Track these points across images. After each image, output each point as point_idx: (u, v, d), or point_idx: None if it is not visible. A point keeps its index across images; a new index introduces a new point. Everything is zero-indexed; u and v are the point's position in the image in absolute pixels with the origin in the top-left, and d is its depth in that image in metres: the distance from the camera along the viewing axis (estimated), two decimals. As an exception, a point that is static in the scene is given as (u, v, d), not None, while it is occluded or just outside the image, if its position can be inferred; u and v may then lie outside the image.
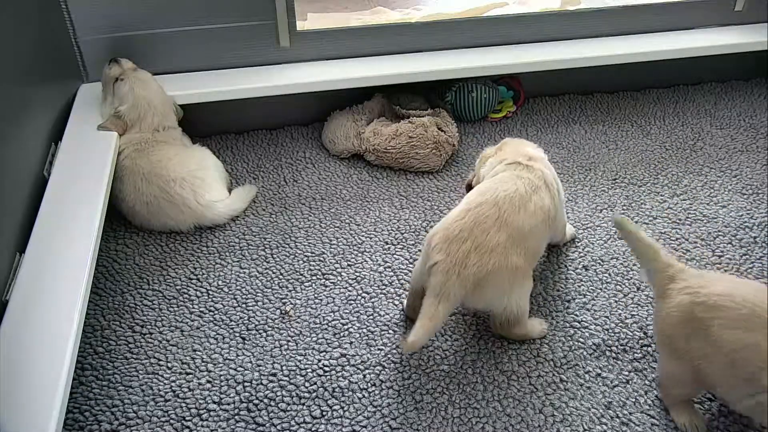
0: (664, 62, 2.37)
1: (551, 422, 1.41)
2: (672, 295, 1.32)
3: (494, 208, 1.45)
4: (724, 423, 1.41)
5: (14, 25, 1.63)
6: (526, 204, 1.48)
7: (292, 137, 2.26)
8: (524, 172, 1.56)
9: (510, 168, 1.58)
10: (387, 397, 1.46)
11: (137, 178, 1.81)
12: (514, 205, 1.46)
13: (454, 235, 1.41)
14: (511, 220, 1.44)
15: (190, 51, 2.10)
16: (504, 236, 1.41)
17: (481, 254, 1.39)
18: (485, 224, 1.42)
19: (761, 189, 2.04)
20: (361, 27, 2.28)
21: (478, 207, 1.45)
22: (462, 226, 1.42)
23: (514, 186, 1.50)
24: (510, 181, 1.52)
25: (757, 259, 1.80)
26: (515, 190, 1.49)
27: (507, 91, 2.37)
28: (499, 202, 1.46)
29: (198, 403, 1.44)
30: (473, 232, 1.41)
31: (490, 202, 1.46)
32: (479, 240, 1.40)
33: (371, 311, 1.65)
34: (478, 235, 1.40)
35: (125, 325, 1.60)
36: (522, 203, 1.48)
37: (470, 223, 1.42)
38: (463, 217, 1.44)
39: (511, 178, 1.53)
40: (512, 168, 1.58)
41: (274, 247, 1.83)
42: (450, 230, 1.42)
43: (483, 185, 1.54)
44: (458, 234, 1.41)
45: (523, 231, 1.45)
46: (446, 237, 1.42)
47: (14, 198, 1.52)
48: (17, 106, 1.60)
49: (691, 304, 1.28)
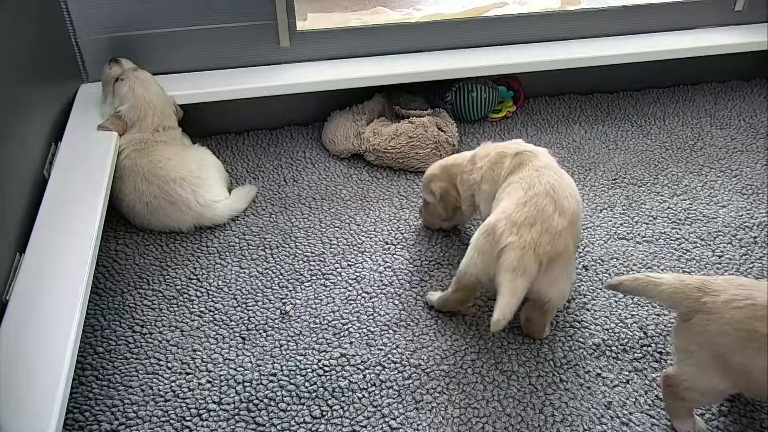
0: (664, 62, 2.37)
1: (551, 422, 1.41)
2: (715, 309, 1.26)
3: (548, 197, 1.47)
4: (724, 423, 1.41)
5: (14, 25, 1.63)
6: (570, 190, 1.53)
7: (292, 137, 2.26)
8: (537, 161, 1.58)
9: (521, 159, 1.60)
10: (387, 397, 1.46)
11: (137, 178, 1.81)
12: (564, 193, 1.50)
13: (521, 220, 1.44)
14: (566, 206, 1.48)
15: (190, 51, 2.10)
16: (565, 222, 1.45)
17: (551, 236, 1.42)
18: (547, 210, 1.45)
19: (761, 189, 2.04)
20: (361, 27, 2.28)
21: (535, 197, 1.47)
22: (526, 213, 1.45)
23: (552, 176, 1.53)
24: (542, 172, 1.54)
25: (757, 259, 1.80)
26: (556, 179, 1.52)
27: (507, 91, 2.37)
28: (550, 191, 1.48)
29: (198, 403, 1.44)
30: (539, 218, 1.44)
31: (542, 193, 1.48)
32: (547, 224, 1.43)
33: (371, 311, 1.65)
34: (544, 219, 1.44)
35: (125, 325, 1.60)
36: (569, 190, 1.52)
37: (533, 211, 1.45)
38: (524, 206, 1.46)
39: (539, 170, 1.55)
40: (524, 159, 1.60)
41: (274, 247, 1.83)
42: (514, 217, 1.45)
43: (522, 181, 1.54)
44: (525, 219, 1.44)
45: (576, 216, 1.50)
46: (513, 222, 1.44)
47: (14, 198, 1.52)
48: (17, 106, 1.60)
49: (750, 320, 1.23)
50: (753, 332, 1.22)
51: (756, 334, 1.22)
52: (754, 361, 1.23)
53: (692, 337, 1.30)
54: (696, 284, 1.31)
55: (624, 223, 1.91)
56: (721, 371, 1.28)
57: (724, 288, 1.28)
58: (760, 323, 1.22)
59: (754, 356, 1.23)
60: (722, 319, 1.25)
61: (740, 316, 1.24)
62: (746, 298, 1.25)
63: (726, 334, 1.25)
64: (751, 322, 1.23)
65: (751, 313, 1.23)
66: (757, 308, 1.23)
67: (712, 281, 1.31)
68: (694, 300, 1.30)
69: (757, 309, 1.23)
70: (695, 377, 1.32)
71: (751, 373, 1.24)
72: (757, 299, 1.24)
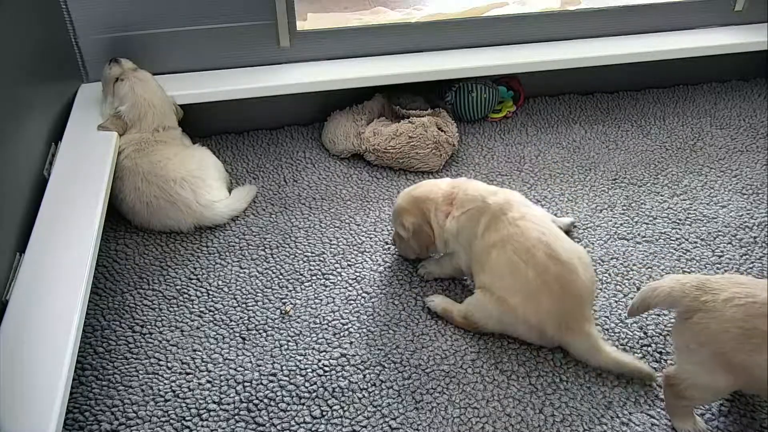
0: (664, 62, 2.37)
1: (551, 422, 1.41)
2: (716, 308, 1.28)
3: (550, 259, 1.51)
4: (724, 423, 1.41)
5: (14, 25, 1.63)
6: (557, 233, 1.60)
7: (292, 137, 2.26)
8: (511, 213, 1.57)
9: (496, 214, 1.58)
10: (387, 397, 1.46)
11: (137, 178, 1.81)
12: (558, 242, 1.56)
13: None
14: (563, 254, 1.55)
15: (190, 51, 2.10)
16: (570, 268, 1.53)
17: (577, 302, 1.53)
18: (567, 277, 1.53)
19: (761, 189, 2.04)
20: (361, 27, 2.28)
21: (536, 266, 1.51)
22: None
23: (536, 229, 1.54)
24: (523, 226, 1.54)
25: (757, 259, 1.80)
26: (542, 231, 1.54)
27: (507, 91, 2.37)
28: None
29: (198, 403, 1.44)
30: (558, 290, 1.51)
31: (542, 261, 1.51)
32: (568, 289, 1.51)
33: (371, 311, 1.65)
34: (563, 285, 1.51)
35: (125, 325, 1.60)
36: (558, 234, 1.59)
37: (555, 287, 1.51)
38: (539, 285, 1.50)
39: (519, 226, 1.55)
40: (498, 213, 1.58)
41: (274, 247, 1.83)
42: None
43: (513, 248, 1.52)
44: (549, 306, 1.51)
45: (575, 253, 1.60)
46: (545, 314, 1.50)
47: (14, 198, 1.52)
48: (17, 106, 1.60)
49: (751, 318, 1.24)
50: (753, 329, 1.24)
51: (756, 331, 1.23)
52: (755, 357, 1.24)
53: (693, 335, 1.31)
54: (694, 283, 1.32)
55: (624, 223, 1.91)
56: (722, 368, 1.29)
57: (723, 286, 1.30)
58: (761, 320, 1.23)
59: (754, 353, 1.24)
60: (723, 317, 1.26)
61: (740, 314, 1.25)
62: (746, 296, 1.26)
63: (727, 332, 1.26)
64: (751, 319, 1.24)
65: (752, 310, 1.25)
66: (757, 306, 1.25)
67: (711, 280, 1.32)
68: (693, 299, 1.31)
69: (757, 306, 1.25)
70: (697, 375, 1.33)
71: (752, 369, 1.26)
72: (757, 297, 1.25)
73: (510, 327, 1.54)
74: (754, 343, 1.24)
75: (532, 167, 2.13)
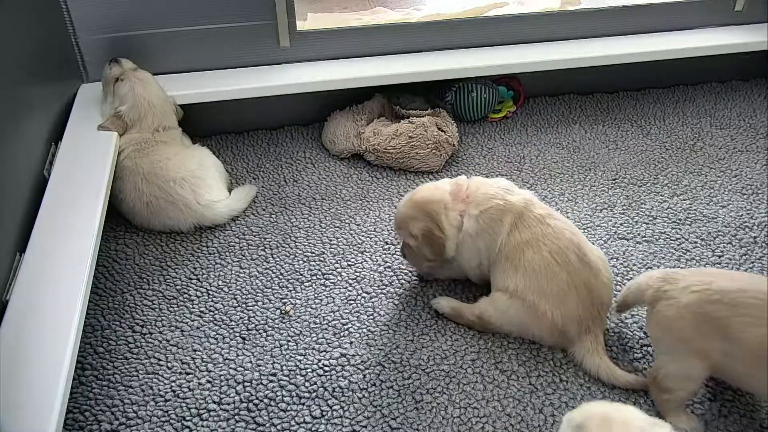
0: (664, 62, 2.37)
1: (551, 422, 1.41)
2: (674, 295, 1.31)
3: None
4: (724, 423, 1.41)
5: (14, 24, 1.63)
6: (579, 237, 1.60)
7: (292, 137, 2.26)
8: (535, 210, 1.56)
9: (521, 215, 1.56)
10: (387, 397, 1.46)
11: (137, 178, 1.81)
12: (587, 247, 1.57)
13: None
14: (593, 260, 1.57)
15: (190, 51, 2.10)
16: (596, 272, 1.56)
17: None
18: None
19: (761, 189, 2.04)
20: (361, 27, 2.28)
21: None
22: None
23: (566, 232, 1.54)
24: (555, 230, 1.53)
25: (757, 259, 1.80)
26: (572, 233, 1.55)
27: (507, 91, 2.37)
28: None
29: (198, 403, 1.44)
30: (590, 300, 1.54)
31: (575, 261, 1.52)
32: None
33: (371, 311, 1.65)
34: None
35: (125, 325, 1.60)
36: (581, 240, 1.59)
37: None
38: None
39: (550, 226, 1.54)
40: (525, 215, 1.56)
41: (274, 247, 1.83)
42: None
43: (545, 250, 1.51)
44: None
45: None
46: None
47: (14, 198, 1.52)
48: (17, 106, 1.60)
49: (705, 303, 1.27)
50: (705, 315, 1.27)
51: (707, 316, 1.26)
52: (711, 344, 1.27)
53: (656, 323, 1.36)
54: (660, 275, 1.37)
55: (624, 223, 1.91)
56: (687, 355, 1.32)
57: (685, 276, 1.34)
58: (714, 306, 1.26)
59: (709, 339, 1.27)
60: (679, 303, 1.30)
61: (694, 300, 1.28)
62: (703, 283, 1.29)
63: (682, 318, 1.29)
64: (703, 305, 1.27)
65: (705, 296, 1.28)
66: (710, 292, 1.27)
67: (678, 272, 1.36)
68: (657, 289, 1.35)
69: (710, 293, 1.27)
70: (668, 364, 1.36)
71: (710, 353, 1.28)
72: (712, 284, 1.28)
73: (529, 331, 1.53)
74: (708, 328, 1.27)
75: (532, 167, 2.13)
